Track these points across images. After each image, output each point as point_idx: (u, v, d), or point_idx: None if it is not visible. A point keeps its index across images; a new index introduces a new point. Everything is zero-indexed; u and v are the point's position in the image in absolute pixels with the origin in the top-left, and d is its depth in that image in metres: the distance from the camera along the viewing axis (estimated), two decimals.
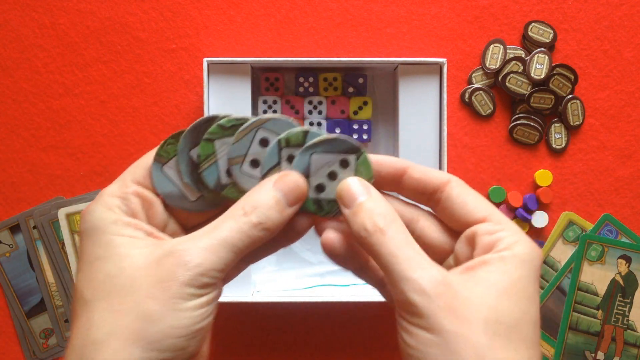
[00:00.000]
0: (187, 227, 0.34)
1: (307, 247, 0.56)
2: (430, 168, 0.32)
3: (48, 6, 0.56)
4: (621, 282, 0.56)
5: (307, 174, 0.34)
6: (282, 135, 0.34)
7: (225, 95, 0.52)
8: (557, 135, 0.57)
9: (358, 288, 0.55)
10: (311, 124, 0.53)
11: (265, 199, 0.31)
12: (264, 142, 0.34)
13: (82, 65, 0.56)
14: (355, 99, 0.54)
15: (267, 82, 0.53)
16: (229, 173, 0.34)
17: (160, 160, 0.34)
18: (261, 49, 0.56)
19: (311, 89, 0.54)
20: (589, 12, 0.57)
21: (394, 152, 0.55)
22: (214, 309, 0.30)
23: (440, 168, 0.52)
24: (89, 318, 0.28)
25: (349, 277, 0.56)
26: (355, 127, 0.54)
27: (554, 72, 0.56)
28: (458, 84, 0.57)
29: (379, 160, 0.32)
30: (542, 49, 0.56)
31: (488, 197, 0.57)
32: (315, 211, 0.34)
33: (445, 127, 0.52)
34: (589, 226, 0.57)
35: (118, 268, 0.29)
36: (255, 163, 0.34)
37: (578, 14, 0.57)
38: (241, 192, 0.33)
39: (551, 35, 0.56)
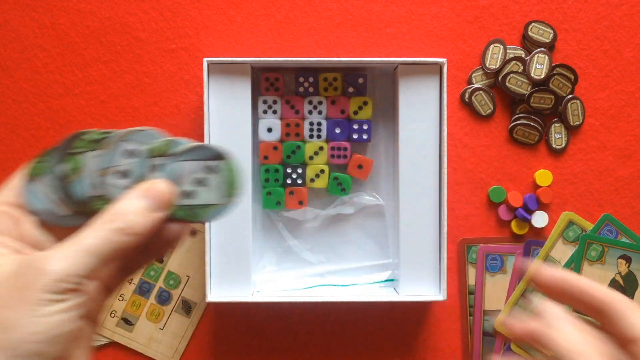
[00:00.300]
0: None
1: (307, 247, 0.56)
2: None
3: (48, 6, 0.56)
4: (621, 282, 0.56)
5: (174, 182, 0.34)
6: (147, 146, 0.35)
7: (225, 95, 0.52)
8: (557, 135, 0.57)
9: (358, 288, 0.55)
10: (311, 123, 0.53)
11: (129, 205, 0.32)
12: (129, 154, 0.35)
13: (82, 65, 0.56)
14: (355, 99, 0.54)
15: (267, 82, 0.53)
16: (97, 185, 0.35)
17: (32, 178, 0.35)
18: (261, 49, 0.56)
19: (311, 89, 0.54)
20: (589, 12, 0.57)
21: (394, 152, 0.55)
22: (80, 314, 0.30)
23: (440, 168, 0.52)
24: None
25: (349, 277, 0.56)
26: (355, 127, 0.54)
27: (554, 72, 0.56)
28: (458, 84, 0.57)
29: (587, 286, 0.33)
30: (542, 49, 0.56)
31: (488, 197, 0.57)
32: (185, 218, 0.34)
33: (445, 127, 0.52)
34: (589, 226, 0.57)
35: None
36: (122, 174, 0.35)
37: (578, 14, 0.57)
38: (110, 203, 0.34)
39: (551, 35, 0.56)
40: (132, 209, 0.32)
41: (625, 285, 0.56)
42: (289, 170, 0.54)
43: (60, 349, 0.29)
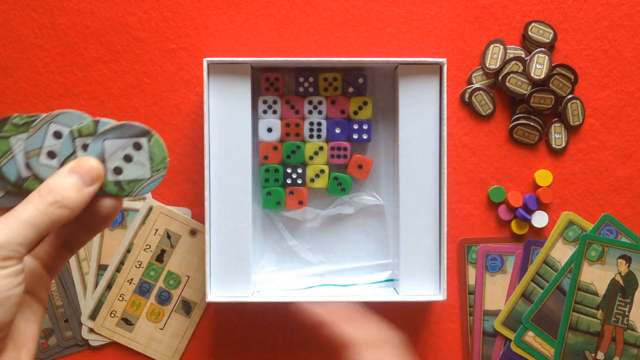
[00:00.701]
0: None
1: (307, 247, 0.56)
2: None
3: (48, 6, 0.56)
4: (621, 282, 0.56)
5: (102, 159, 0.37)
6: (74, 126, 0.37)
7: (225, 95, 0.52)
8: (557, 135, 0.57)
9: (358, 288, 0.55)
10: (311, 123, 0.53)
11: (60, 181, 0.35)
12: (57, 135, 0.37)
13: (82, 65, 0.56)
14: (355, 99, 0.54)
15: (267, 82, 0.53)
16: (27, 166, 0.37)
17: None
18: (261, 49, 0.56)
19: (311, 89, 0.54)
20: (589, 12, 0.57)
21: (394, 152, 0.55)
22: (20, 281, 0.33)
23: (440, 168, 0.52)
24: None
25: (349, 277, 0.56)
26: (355, 127, 0.54)
27: (554, 72, 0.56)
28: (458, 84, 0.57)
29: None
30: (542, 49, 0.56)
31: (488, 197, 0.57)
32: (116, 193, 0.37)
33: (445, 127, 0.52)
34: (589, 226, 0.57)
35: None
36: (51, 154, 0.37)
37: (578, 14, 0.57)
38: (42, 182, 0.36)
39: (551, 35, 0.56)
40: (64, 185, 0.35)
41: (625, 285, 0.56)
42: (289, 170, 0.54)
43: (7, 313, 0.32)
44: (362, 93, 0.54)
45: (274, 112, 0.53)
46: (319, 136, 0.54)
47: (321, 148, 0.54)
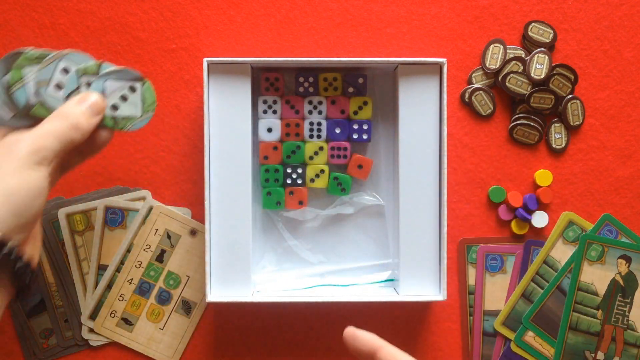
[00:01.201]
0: None
1: (307, 247, 0.56)
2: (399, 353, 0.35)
3: (48, 6, 0.56)
4: (621, 282, 0.56)
5: (103, 96, 0.45)
6: (80, 65, 0.45)
7: (225, 95, 0.52)
8: (557, 135, 0.57)
9: (358, 288, 0.55)
10: (311, 123, 0.53)
11: (74, 109, 0.43)
12: (65, 71, 0.45)
13: None
14: (355, 99, 0.54)
15: (267, 82, 0.53)
16: (36, 94, 0.44)
17: None
18: (261, 49, 0.56)
19: (311, 89, 0.54)
20: (589, 12, 0.57)
21: (394, 152, 0.55)
22: (49, 182, 0.41)
23: (440, 168, 0.52)
24: None
25: (349, 277, 0.56)
26: (355, 127, 0.54)
27: (554, 72, 0.56)
28: (458, 84, 0.57)
29: (355, 334, 0.36)
30: (542, 49, 0.56)
31: (488, 197, 0.57)
32: (112, 126, 0.45)
33: (445, 127, 0.52)
34: (589, 226, 0.57)
35: None
36: (58, 87, 0.44)
37: (578, 14, 0.57)
38: (47, 109, 0.44)
39: (551, 35, 0.56)
40: (77, 112, 0.42)
41: (625, 285, 0.56)
42: (289, 170, 0.54)
43: (38, 207, 0.39)
44: (362, 93, 0.54)
45: (274, 112, 0.53)
46: (319, 136, 0.54)
47: (321, 148, 0.54)
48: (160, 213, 0.56)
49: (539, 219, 0.57)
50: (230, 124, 0.52)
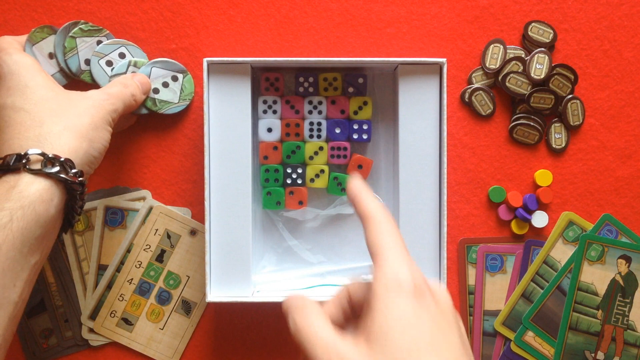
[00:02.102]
0: None
1: (307, 247, 0.56)
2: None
3: (48, 6, 0.56)
4: (621, 282, 0.56)
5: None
6: (135, 58, 0.53)
7: (225, 95, 0.52)
8: (557, 135, 0.57)
9: None
10: (311, 123, 0.53)
11: (131, 81, 0.50)
12: (122, 55, 0.53)
13: None
14: (355, 99, 0.54)
15: (267, 82, 0.53)
16: (86, 63, 0.52)
17: (31, 41, 0.51)
18: (261, 49, 0.56)
19: (311, 89, 0.54)
20: (589, 12, 0.57)
21: (394, 152, 0.55)
22: (110, 135, 0.47)
23: (440, 168, 0.52)
24: (39, 120, 0.43)
25: (349, 277, 0.56)
26: (355, 127, 0.54)
27: (554, 72, 0.56)
28: (458, 84, 0.57)
29: (359, 197, 0.37)
30: (542, 49, 0.56)
31: (488, 197, 0.57)
32: (150, 107, 0.53)
33: (445, 127, 0.52)
34: (589, 226, 0.57)
35: (54, 92, 0.45)
36: (109, 64, 0.52)
37: (578, 14, 0.57)
38: (92, 79, 0.52)
39: (551, 35, 0.56)
40: (133, 84, 0.50)
41: (625, 285, 0.56)
42: (289, 170, 0.54)
43: (101, 156, 0.46)
44: (362, 93, 0.54)
45: (274, 112, 0.53)
46: (319, 136, 0.54)
47: (321, 148, 0.54)
48: (160, 213, 0.56)
49: (539, 219, 0.57)
50: (230, 124, 0.52)
